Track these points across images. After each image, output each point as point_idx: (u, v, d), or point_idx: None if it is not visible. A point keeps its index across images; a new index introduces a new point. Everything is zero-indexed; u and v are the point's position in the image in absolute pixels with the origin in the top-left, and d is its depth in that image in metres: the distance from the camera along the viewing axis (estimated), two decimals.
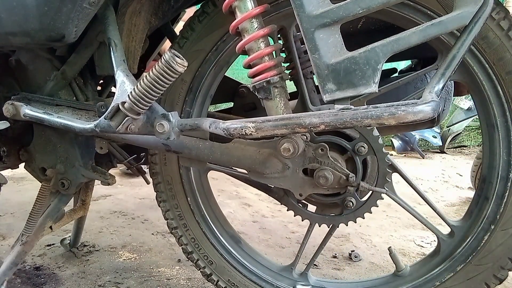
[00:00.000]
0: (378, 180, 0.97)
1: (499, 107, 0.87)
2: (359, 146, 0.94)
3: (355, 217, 1.02)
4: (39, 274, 1.46)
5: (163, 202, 1.13)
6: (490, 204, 0.91)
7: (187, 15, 1.25)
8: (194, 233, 1.12)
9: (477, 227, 0.93)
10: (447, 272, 0.96)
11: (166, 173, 1.11)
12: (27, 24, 0.84)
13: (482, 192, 0.94)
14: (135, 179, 2.76)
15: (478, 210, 0.94)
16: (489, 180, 0.92)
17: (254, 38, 0.78)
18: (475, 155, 3.16)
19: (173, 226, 1.14)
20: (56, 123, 0.95)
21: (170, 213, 1.13)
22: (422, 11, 0.85)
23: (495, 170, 0.90)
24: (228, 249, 1.12)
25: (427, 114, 0.64)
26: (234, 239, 1.15)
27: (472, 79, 0.88)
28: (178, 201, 1.11)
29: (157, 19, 1.10)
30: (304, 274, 1.11)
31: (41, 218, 1.18)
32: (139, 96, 0.80)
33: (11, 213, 2.07)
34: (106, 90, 1.31)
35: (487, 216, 0.92)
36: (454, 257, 0.96)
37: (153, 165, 1.12)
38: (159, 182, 1.12)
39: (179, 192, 1.11)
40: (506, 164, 0.89)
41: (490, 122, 0.89)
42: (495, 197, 0.91)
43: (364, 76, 0.70)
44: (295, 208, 1.06)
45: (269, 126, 0.74)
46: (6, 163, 1.16)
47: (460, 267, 0.95)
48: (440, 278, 0.97)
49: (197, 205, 1.12)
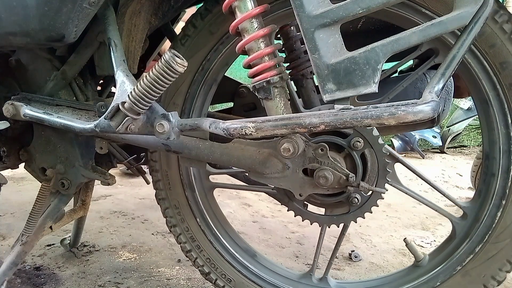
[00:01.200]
0: (379, 172, 0.96)
1: (489, 81, 0.86)
2: (354, 141, 0.94)
3: (363, 213, 1.01)
4: (39, 274, 1.46)
5: (173, 227, 1.14)
6: (497, 179, 0.90)
7: (187, 15, 1.25)
8: (209, 253, 1.12)
9: (489, 205, 0.92)
10: (466, 255, 0.95)
11: (172, 197, 1.12)
12: (27, 24, 0.84)
13: (487, 169, 0.93)
14: (135, 179, 2.76)
15: (487, 187, 0.93)
16: (492, 156, 0.91)
17: (254, 38, 0.78)
18: (475, 155, 3.16)
19: (187, 250, 1.14)
20: (56, 123, 0.95)
21: (182, 236, 1.13)
22: (422, 12, 0.85)
23: (496, 144, 0.90)
24: (244, 264, 1.12)
25: (427, 114, 0.64)
26: (249, 253, 1.14)
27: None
28: (188, 223, 1.12)
29: (157, 19, 1.10)
30: (324, 279, 1.10)
31: (41, 218, 1.18)
32: (139, 96, 0.80)
33: (11, 213, 2.07)
34: (106, 90, 1.31)
35: (497, 192, 0.91)
36: (471, 239, 0.95)
37: (159, 191, 1.13)
38: (167, 207, 1.13)
39: (188, 215, 1.12)
40: (506, 137, 0.88)
41: (483, 98, 0.89)
42: (501, 171, 0.90)
43: (364, 76, 0.70)
44: (302, 213, 1.06)
45: (269, 126, 0.74)
46: (6, 163, 1.15)
47: (478, 247, 0.93)
48: (460, 262, 0.95)
49: (207, 224, 1.12)
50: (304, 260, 1.67)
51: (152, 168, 1.12)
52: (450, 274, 0.96)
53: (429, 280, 0.99)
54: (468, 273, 0.95)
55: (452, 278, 0.96)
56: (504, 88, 0.86)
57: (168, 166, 1.10)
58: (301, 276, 1.12)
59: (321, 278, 1.10)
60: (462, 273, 0.95)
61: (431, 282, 0.99)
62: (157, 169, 1.11)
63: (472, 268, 0.94)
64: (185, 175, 1.10)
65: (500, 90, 0.86)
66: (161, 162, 1.10)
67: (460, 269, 0.95)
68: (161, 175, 1.11)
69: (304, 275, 1.12)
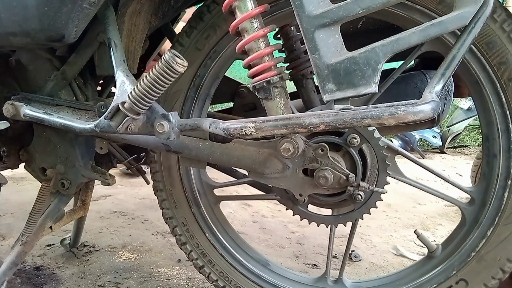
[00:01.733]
0: (379, 166, 0.96)
1: (478, 64, 0.86)
2: (350, 138, 0.93)
3: (368, 208, 1.00)
4: (39, 274, 1.46)
5: (184, 245, 1.14)
6: (499, 160, 0.90)
7: (187, 15, 1.25)
8: (221, 267, 1.12)
9: (495, 186, 0.92)
10: (478, 239, 0.94)
11: (179, 215, 1.12)
12: (27, 24, 0.84)
13: (489, 151, 0.93)
14: (135, 179, 2.76)
15: (490, 169, 0.92)
16: (491, 137, 0.91)
17: (254, 38, 0.78)
18: (475, 155, 3.16)
19: (200, 266, 1.14)
20: (56, 123, 0.95)
21: (194, 253, 1.13)
22: (422, 11, 0.85)
23: (493, 125, 0.89)
24: (258, 274, 1.11)
25: (427, 114, 0.64)
26: (261, 262, 1.14)
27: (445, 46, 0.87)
28: (198, 239, 1.12)
29: (157, 19, 1.10)
30: (339, 280, 1.09)
31: (41, 218, 1.18)
32: (139, 96, 0.80)
33: (11, 213, 2.07)
34: (106, 90, 1.31)
35: (501, 173, 0.90)
36: (481, 223, 0.94)
37: (166, 210, 1.13)
38: (175, 226, 1.13)
39: (197, 231, 1.12)
40: (503, 116, 0.88)
41: (473, 79, 0.88)
42: (502, 152, 0.89)
43: (364, 76, 0.70)
44: (307, 215, 1.05)
45: (269, 126, 0.74)
46: (6, 163, 1.15)
47: (490, 230, 0.92)
48: (473, 247, 0.94)
49: (217, 239, 1.12)
50: (304, 260, 1.67)
51: (156, 188, 1.13)
52: (465, 261, 0.95)
53: (445, 270, 0.98)
54: (483, 258, 0.93)
55: (468, 265, 0.95)
56: (494, 68, 0.85)
57: (171, 185, 1.11)
58: (316, 280, 1.11)
59: (337, 279, 1.09)
60: (477, 259, 0.94)
61: (446, 271, 0.97)
62: (161, 189, 1.12)
63: (486, 252, 0.93)
64: (189, 192, 1.11)
65: (490, 70, 0.85)
66: (165, 182, 1.11)
67: (474, 255, 0.94)
68: (165, 195, 1.12)
69: (319, 279, 1.11)
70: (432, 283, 0.98)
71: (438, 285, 0.98)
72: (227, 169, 1.34)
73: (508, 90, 0.86)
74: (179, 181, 1.10)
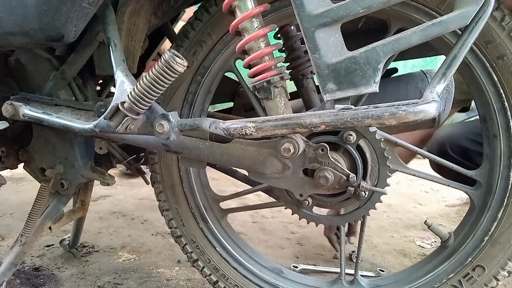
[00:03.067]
0: (379, 160, 0.94)
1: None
2: (346, 135, 0.93)
3: (373, 204, 0.99)
4: (38, 275, 1.46)
5: (196, 262, 1.14)
6: (500, 140, 0.89)
7: (187, 15, 1.25)
8: (236, 281, 1.11)
9: (499, 167, 0.91)
10: (489, 223, 0.93)
11: (188, 232, 1.12)
12: (27, 23, 0.83)
13: (488, 132, 0.92)
14: (134, 179, 2.75)
15: (492, 150, 0.91)
16: (489, 117, 0.90)
17: (254, 38, 0.77)
18: None
19: (214, 281, 1.13)
20: (55, 123, 0.95)
21: (206, 269, 1.13)
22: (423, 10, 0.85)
23: (489, 105, 0.88)
24: (273, 283, 1.10)
25: (428, 114, 0.63)
26: (275, 271, 1.13)
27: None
28: (209, 255, 1.12)
29: (156, 19, 1.10)
30: (355, 281, 1.08)
31: (40, 218, 1.18)
32: (139, 96, 0.80)
33: (10, 214, 2.07)
34: (105, 90, 1.31)
35: (503, 153, 0.89)
36: (490, 205, 0.92)
37: (174, 229, 1.13)
38: (185, 244, 1.13)
39: (207, 247, 1.12)
40: (497, 95, 0.87)
41: (462, 62, 0.86)
42: (502, 131, 0.88)
43: (364, 75, 0.70)
44: (313, 218, 1.04)
45: (269, 126, 0.73)
46: (5, 164, 1.15)
47: (500, 212, 0.91)
48: (486, 231, 0.93)
49: (228, 252, 1.12)
50: (305, 261, 1.66)
51: (163, 209, 1.13)
52: (479, 247, 0.94)
53: (459, 258, 0.96)
54: (497, 241, 0.92)
55: (482, 250, 0.93)
56: (482, 48, 0.85)
57: (177, 204, 1.11)
58: (331, 283, 1.10)
59: (352, 280, 1.08)
60: (491, 243, 0.93)
61: (461, 259, 0.96)
62: (167, 208, 1.12)
63: (499, 235, 0.91)
64: (195, 209, 1.11)
65: (478, 51, 0.85)
66: (170, 201, 1.12)
67: (487, 239, 0.93)
68: (172, 214, 1.12)
69: (334, 281, 1.10)
70: (448, 272, 0.97)
71: (455, 274, 0.96)
72: (227, 169, 1.34)
73: (498, 68, 0.85)
74: (184, 198, 1.10)
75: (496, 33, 0.83)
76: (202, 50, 0.99)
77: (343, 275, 1.08)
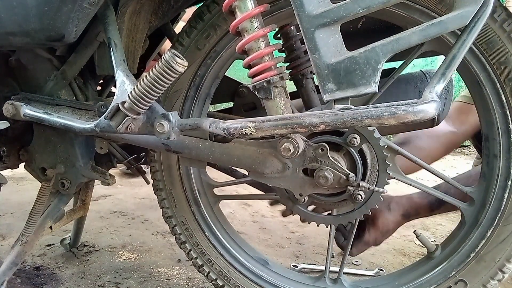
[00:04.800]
0: (379, 166, 0.95)
1: (478, 63, 0.86)
2: (350, 138, 0.93)
3: (368, 209, 0.99)
4: (39, 274, 1.46)
5: (183, 244, 1.14)
6: (500, 160, 0.90)
7: (187, 15, 1.25)
8: (222, 267, 1.12)
9: (494, 187, 0.91)
10: (478, 240, 0.94)
11: (179, 214, 1.12)
12: (27, 24, 0.84)
13: (489, 151, 0.92)
14: (135, 179, 2.75)
15: (490, 169, 0.92)
16: (492, 137, 0.90)
17: (254, 38, 0.78)
18: (475, 155, 3.16)
19: (199, 265, 1.14)
20: (56, 123, 0.95)
21: (193, 252, 1.13)
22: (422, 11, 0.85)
23: (494, 125, 0.89)
24: (257, 273, 1.11)
25: (427, 114, 0.64)
26: (261, 262, 1.14)
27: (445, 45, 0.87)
28: (197, 238, 1.12)
29: (157, 19, 1.10)
30: (338, 280, 1.09)
31: (41, 218, 1.18)
32: (139, 96, 0.80)
33: (11, 213, 2.07)
34: (106, 90, 1.31)
35: (501, 173, 0.90)
36: (481, 223, 0.93)
37: (165, 209, 1.13)
38: (175, 225, 1.13)
39: (196, 230, 1.12)
40: (503, 116, 0.87)
41: (474, 79, 0.88)
42: (502, 152, 0.89)
43: (364, 76, 0.70)
44: (306, 215, 1.05)
45: (269, 126, 0.74)
46: (6, 163, 1.15)
47: (490, 231, 0.92)
48: (473, 248, 0.94)
49: (217, 238, 1.12)
50: (304, 260, 1.66)
51: (156, 188, 1.13)
52: (464, 262, 0.95)
53: (444, 270, 0.97)
54: (482, 259, 0.93)
55: (467, 265, 0.95)
56: (495, 69, 0.85)
57: (171, 185, 1.11)
58: (315, 280, 1.11)
59: (335, 279, 1.09)
60: (477, 260, 0.94)
61: (445, 272, 0.97)
62: (161, 188, 1.12)
63: (486, 253, 0.93)
64: (189, 192, 1.11)
65: (491, 70, 0.85)
66: (165, 181, 1.11)
67: (474, 256, 0.94)
68: (165, 194, 1.12)
69: (317, 278, 1.11)
70: (431, 283, 0.98)
71: (437, 285, 0.98)
72: (226, 168, 1.34)
73: (508, 90, 0.85)
74: (179, 180, 1.10)
75: (511, 54, 0.83)
76: (215, 34, 0.97)
77: (327, 273, 1.09)
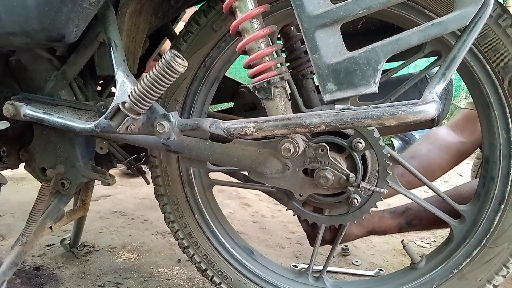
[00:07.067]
0: (379, 174, 0.96)
1: (491, 86, 0.86)
2: (355, 142, 0.93)
3: (362, 214, 1.00)
4: (39, 274, 1.46)
5: (171, 224, 1.14)
6: (496, 184, 0.91)
7: (187, 15, 1.25)
8: (207, 251, 1.12)
9: (487, 209, 0.92)
10: (463, 258, 0.95)
11: (171, 193, 1.12)
12: (28, 24, 0.84)
13: (487, 173, 0.93)
14: (135, 179, 2.75)
15: (486, 191, 0.93)
16: (492, 160, 0.91)
17: (255, 38, 0.78)
18: (475, 155, 3.15)
19: (184, 246, 1.14)
20: (56, 123, 0.95)
21: (180, 233, 1.13)
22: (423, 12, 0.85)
23: (496, 149, 0.89)
24: (241, 262, 1.11)
25: (427, 114, 0.64)
26: (246, 251, 1.14)
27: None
28: (186, 220, 1.12)
29: (157, 19, 1.10)
30: (320, 278, 1.09)
31: (41, 218, 1.18)
32: (140, 96, 0.80)
33: (11, 213, 2.07)
34: (106, 90, 1.31)
35: (495, 197, 0.91)
36: (468, 242, 0.95)
37: (158, 187, 1.13)
38: (166, 203, 1.13)
39: (186, 211, 1.12)
40: (507, 141, 0.88)
41: (484, 101, 0.89)
42: (500, 176, 0.90)
43: (364, 76, 0.70)
44: (300, 212, 1.06)
45: (270, 126, 0.74)
46: (6, 163, 1.15)
47: (476, 251, 0.93)
48: (456, 265, 0.96)
49: (206, 222, 1.12)
50: (305, 260, 1.67)
51: (152, 164, 1.12)
52: (446, 277, 0.97)
53: (426, 282, 0.99)
54: (465, 276, 0.95)
55: (448, 281, 0.97)
56: (506, 93, 0.86)
57: (167, 163, 1.10)
58: (297, 275, 1.12)
59: (318, 277, 1.10)
60: (459, 276, 0.95)
61: (427, 284, 0.99)
62: (156, 165, 1.11)
63: (469, 271, 0.94)
64: (184, 172, 1.10)
65: (502, 94, 0.86)
66: (161, 159, 1.10)
67: (456, 272, 0.96)
68: (160, 171, 1.11)
69: (300, 274, 1.12)
70: None
71: None
72: None
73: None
74: (176, 159, 1.09)
75: None
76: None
77: (311, 270, 1.10)
